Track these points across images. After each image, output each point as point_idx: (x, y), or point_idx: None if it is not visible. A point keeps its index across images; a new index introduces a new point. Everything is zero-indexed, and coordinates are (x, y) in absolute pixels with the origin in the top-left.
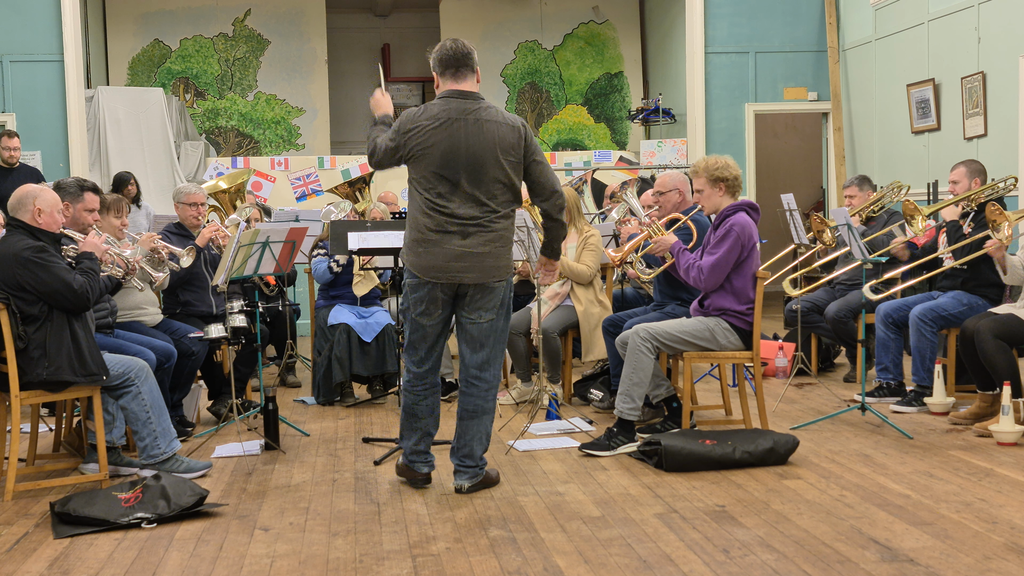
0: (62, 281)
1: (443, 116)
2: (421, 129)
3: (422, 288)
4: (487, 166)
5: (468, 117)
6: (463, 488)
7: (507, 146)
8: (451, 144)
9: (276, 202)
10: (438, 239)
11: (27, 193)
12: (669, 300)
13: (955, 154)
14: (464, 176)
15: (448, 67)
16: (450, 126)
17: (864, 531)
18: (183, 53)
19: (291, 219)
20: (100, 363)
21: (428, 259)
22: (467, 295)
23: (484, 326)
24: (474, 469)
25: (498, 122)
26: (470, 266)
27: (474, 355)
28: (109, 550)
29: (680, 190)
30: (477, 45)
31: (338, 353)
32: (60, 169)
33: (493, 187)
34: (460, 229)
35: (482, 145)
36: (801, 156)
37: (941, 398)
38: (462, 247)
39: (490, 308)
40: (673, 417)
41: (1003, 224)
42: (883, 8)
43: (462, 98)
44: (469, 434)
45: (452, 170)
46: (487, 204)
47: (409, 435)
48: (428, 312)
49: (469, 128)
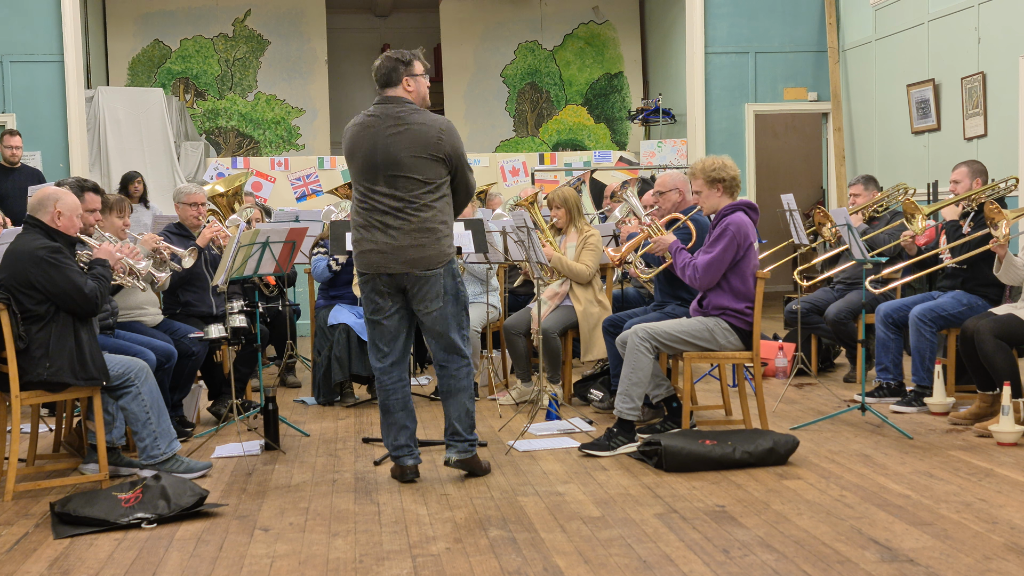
0: (73, 284)
1: (369, 121)
2: (351, 135)
3: (366, 285)
4: (402, 165)
5: (390, 120)
6: (450, 460)
7: (424, 146)
8: (371, 144)
9: (276, 202)
10: (367, 234)
11: (49, 195)
12: (669, 300)
13: (955, 154)
14: (381, 175)
15: (380, 84)
16: (372, 130)
17: (864, 531)
18: (183, 53)
19: (291, 219)
20: (101, 367)
21: (363, 254)
22: (407, 288)
23: (434, 315)
24: (463, 444)
25: (423, 124)
26: (394, 258)
27: (435, 343)
28: (109, 550)
29: (680, 190)
30: (477, 45)
31: (338, 353)
32: (60, 169)
33: (409, 183)
34: (380, 222)
35: (400, 145)
36: (801, 156)
37: (941, 398)
38: (384, 239)
39: (433, 298)
40: (673, 417)
41: (1001, 222)
42: (883, 8)
43: (387, 103)
44: (449, 413)
45: (372, 170)
46: (403, 198)
47: (387, 432)
48: (379, 308)
49: (389, 130)
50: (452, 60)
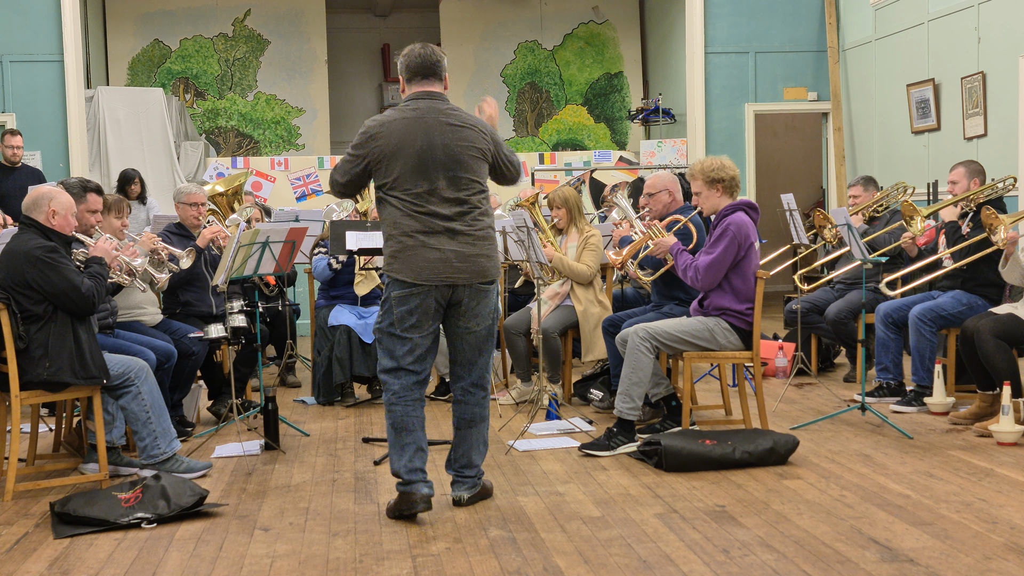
0: (70, 283)
1: (415, 116)
2: (392, 130)
3: (413, 298)
4: (464, 165)
5: (441, 116)
6: (462, 500)
7: (481, 148)
8: (427, 142)
9: (276, 202)
10: (426, 240)
11: (43, 194)
12: (666, 300)
13: (955, 154)
14: (442, 175)
15: (416, 74)
16: (424, 124)
17: (864, 531)
18: (183, 53)
19: (291, 219)
20: (101, 366)
21: (419, 263)
22: (462, 302)
23: (482, 333)
24: (473, 479)
25: (471, 124)
26: (463, 267)
27: (472, 365)
28: (109, 550)
29: (670, 190)
30: (477, 45)
31: (338, 353)
32: (60, 169)
33: (470, 186)
34: (445, 228)
35: (458, 144)
36: (801, 156)
37: (941, 398)
38: (452, 247)
39: (487, 314)
40: (673, 416)
41: (999, 227)
42: (883, 8)
43: (431, 99)
44: (468, 443)
45: (430, 169)
46: (467, 202)
47: (400, 453)
48: (419, 324)
49: (443, 126)
50: (452, 60)
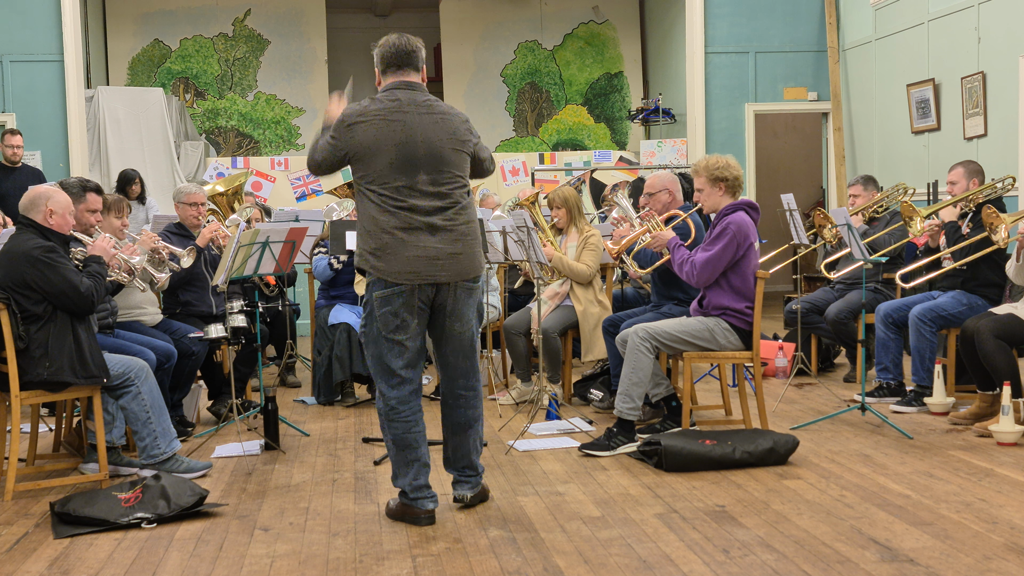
0: (69, 283)
1: (394, 107)
2: (370, 122)
3: (396, 298)
4: (446, 159)
5: (420, 108)
6: (466, 499)
7: (460, 138)
8: (407, 135)
9: (276, 202)
10: (406, 237)
11: (40, 194)
12: (665, 300)
13: (955, 154)
14: (423, 169)
15: (391, 65)
16: (403, 116)
17: (864, 531)
18: (183, 53)
19: (291, 219)
20: (101, 365)
21: (400, 261)
22: (447, 302)
23: (467, 336)
24: (475, 479)
25: (450, 114)
26: (445, 265)
27: (461, 367)
28: (109, 550)
29: (670, 190)
30: (477, 45)
31: (339, 353)
32: (60, 169)
33: (452, 181)
34: (426, 224)
35: (439, 136)
36: (801, 156)
37: (941, 398)
38: (434, 243)
39: (472, 316)
40: (673, 416)
41: (1000, 227)
42: (883, 8)
43: (410, 89)
44: (465, 446)
45: (410, 163)
46: (449, 196)
47: (405, 471)
48: (404, 326)
49: (423, 118)
50: (452, 60)
